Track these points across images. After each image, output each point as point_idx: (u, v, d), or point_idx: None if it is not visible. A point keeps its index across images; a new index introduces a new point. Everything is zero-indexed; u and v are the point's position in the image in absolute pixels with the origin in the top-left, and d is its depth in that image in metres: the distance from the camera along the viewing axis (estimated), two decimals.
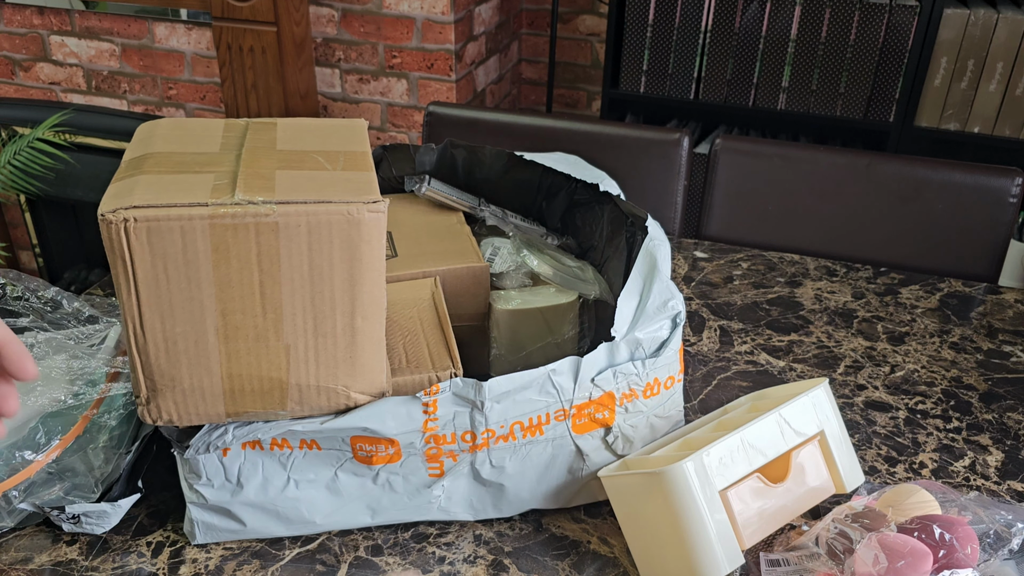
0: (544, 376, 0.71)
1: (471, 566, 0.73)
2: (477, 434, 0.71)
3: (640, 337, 0.75)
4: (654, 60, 2.19)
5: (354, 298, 0.65)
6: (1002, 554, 0.67)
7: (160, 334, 0.64)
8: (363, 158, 0.70)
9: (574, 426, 0.74)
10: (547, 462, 0.75)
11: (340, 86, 2.36)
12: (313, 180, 0.65)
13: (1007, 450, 0.86)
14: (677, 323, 0.77)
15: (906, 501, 0.72)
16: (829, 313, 1.09)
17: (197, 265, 0.62)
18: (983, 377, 0.98)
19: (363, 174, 0.67)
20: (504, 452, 0.73)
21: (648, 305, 0.76)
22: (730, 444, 0.69)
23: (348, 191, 0.64)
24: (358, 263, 0.64)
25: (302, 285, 0.64)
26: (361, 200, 0.63)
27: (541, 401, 0.71)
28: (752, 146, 1.40)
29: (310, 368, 0.67)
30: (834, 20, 2.01)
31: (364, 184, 0.65)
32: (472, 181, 1.08)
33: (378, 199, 0.63)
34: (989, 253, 1.31)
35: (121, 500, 0.74)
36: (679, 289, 1.14)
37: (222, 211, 0.61)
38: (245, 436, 0.70)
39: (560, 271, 0.94)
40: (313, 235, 0.62)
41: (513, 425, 0.71)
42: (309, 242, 0.62)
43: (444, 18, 2.18)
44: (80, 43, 2.53)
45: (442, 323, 0.80)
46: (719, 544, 0.66)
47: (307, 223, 0.62)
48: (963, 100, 2.01)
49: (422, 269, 0.89)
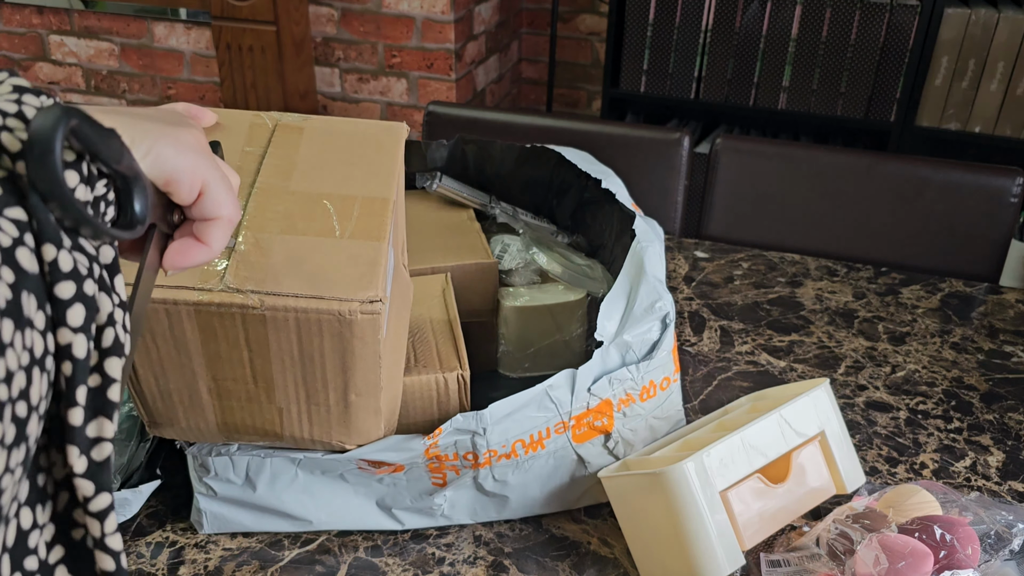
0: (542, 393, 0.70)
1: (471, 567, 0.72)
2: (479, 455, 0.71)
3: (629, 340, 0.74)
4: (654, 59, 2.19)
5: (347, 381, 0.62)
6: (1003, 555, 0.67)
7: (154, 387, 0.64)
8: (380, 212, 0.63)
9: (574, 436, 0.74)
10: (549, 473, 0.75)
11: (340, 85, 2.36)
12: (315, 252, 0.60)
13: (1008, 450, 0.86)
14: (667, 323, 0.76)
15: (907, 502, 0.71)
16: (830, 313, 1.09)
17: (185, 341, 0.61)
18: (984, 377, 0.97)
19: (372, 245, 0.61)
20: (506, 468, 0.73)
21: (635, 307, 0.76)
22: (731, 444, 0.69)
23: (346, 279, 0.59)
24: (351, 355, 0.61)
25: (292, 365, 0.62)
26: (356, 298, 0.58)
27: (540, 417, 0.71)
28: (753, 146, 1.40)
29: (304, 426, 0.66)
30: (835, 19, 2.01)
31: (367, 265, 0.60)
32: (483, 177, 1.08)
33: (375, 296, 0.58)
34: (990, 253, 1.31)
35: (141, 485, 0.74)
36: (680, 289, 1.14)
37: (207, 298, 0.58)
38: (250, 449, 0.71)
39: (569, 269, 0.94)
40: (303, 329, 0.59)
41: (515, 443, 0.71)
42: (299, 334, 0.60)
43: (444, 17, 2.17)
44: (79, 42, 2.53)
45: (452, 322, 0.80)
46: (720, 545, 0.66)
47: (295, 319, 0.59)
48: (964, 100, 2.00)
49: (431, 265, 0.89)
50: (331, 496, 0.74)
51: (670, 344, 0.77)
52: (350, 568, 0.72)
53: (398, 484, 0.73)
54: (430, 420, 0.75)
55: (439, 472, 0.72)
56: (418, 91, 2.29)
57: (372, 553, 0.74)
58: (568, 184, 1.06)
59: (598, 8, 2.54)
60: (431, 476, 0.72)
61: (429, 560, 0.73)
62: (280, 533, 0.75)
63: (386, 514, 0.75)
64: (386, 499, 0.74)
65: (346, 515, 0.75)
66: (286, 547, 0.74)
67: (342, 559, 0.73)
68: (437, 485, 0.73)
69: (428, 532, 0.76)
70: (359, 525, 0.75)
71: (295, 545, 0.75)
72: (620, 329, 0.75)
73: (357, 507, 0.75)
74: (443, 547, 0.75)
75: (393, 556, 0.74)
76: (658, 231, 0.86)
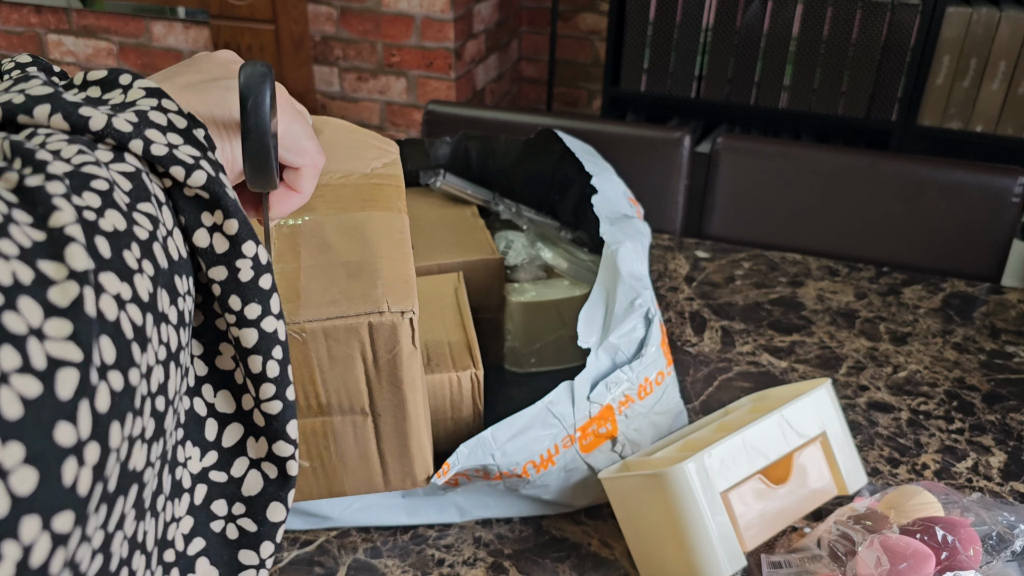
0: (543, 410, 0.70)
1: (471, 568, 0.72)
2: (490, 474, 0.71)
3: (616, 342, 0.74)
4: (655, 58, 2.18)
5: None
6: (1004, 556, 0.66)
7: None
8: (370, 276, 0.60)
9: (582, 447, 0.73)
10: (560, 483, 0.75)
11: (338, 84, 2.35)
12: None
13: (1010, 451, 0.86)
14: (650, 319, 0.76)
15: (908, 503, 0.71)
16: (831, 313, 1.09)
17: None
18: (986, 378, 0.97)
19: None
20: (518, 483, 0.73)
21: (616, 309, 0.75)
22: (731, 445, 0.68)
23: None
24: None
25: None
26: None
27: (546, 435, 0.71)
28: (754, 145, 1.39)
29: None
30: (836, 18, 2.00)
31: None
32: (486, 173, 1.08)
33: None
34: (992, 253, 1.30)
35: None
36: (680, 289, 1.13)
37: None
38: None
39: (574, 264, 0.94)
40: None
41: (525, 465, 0.71)
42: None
43: (443, 16, 2.17)
44: (77, 41, 2.53)
45: (464, 321, 0.79)
46: (720, 546, 0.66)
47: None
48: (965, 99, 2.00)
49: (437, 262, 0.89)
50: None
51: (657, 339, 0.76)
52: (349, 569, 0.72)
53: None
54: (443, 420, 0.75)
55: (451, 481, 0.72)
56: (417, 90, 2.29)
57: (371, 554, 0.74)
58: (570, 180, 1.06)
59: (598, 6, 2.54)
60: (443, 480, 0.72)
61: (429, 561, 0.73)
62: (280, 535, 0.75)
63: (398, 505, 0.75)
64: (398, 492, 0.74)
65: (357, 509, 0.74)
66: (285, 548, 0.74)
67: (341, 560, 0.73)
68: (448, 485, 0.73)
69: (428, 534, 0.76)
70: (370, 521, 0.75)
71: (294, 546, 0.74)
72: (604, 332, 0.74)
73: (371, 502, 0.74)
74: (443, 548, 0.74)
75: (392, 557, 0.73)
76: (641, 227, 0.85)
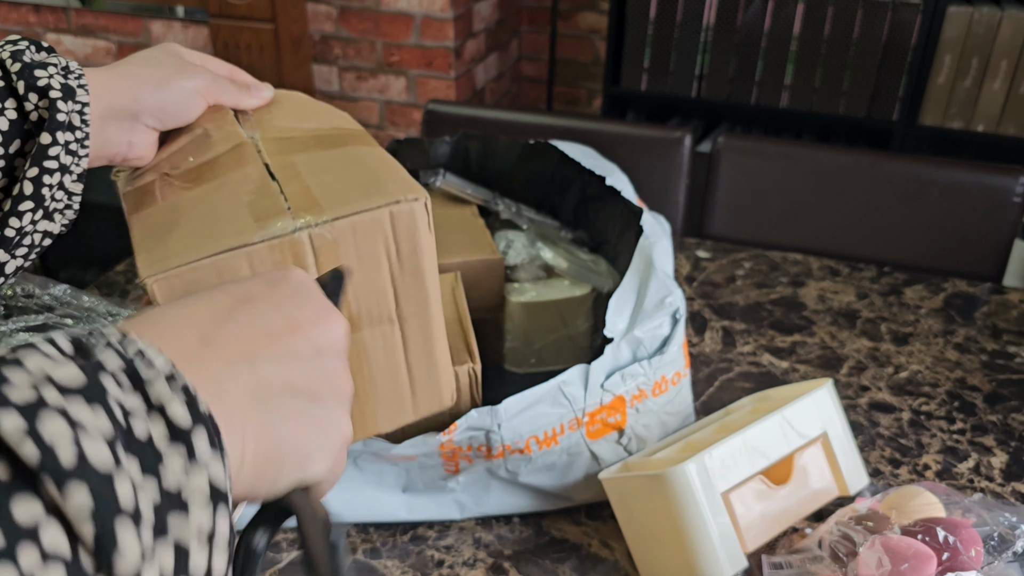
0: (555, 389, 0.70)
1: (471, 569, 0.72)
2: (493, 448, 0.70)
3: (640, 336, 0.74)
4: (656, 57, 2.18)
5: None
6: (1006, 556, 0.66)
7: None
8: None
9: (588, 433, 0.73)
10: (562, 470, 0.74)
11: (338, 84, 2.35)
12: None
13: (1011, 452, 0.85)
14: (677, 319, 0.76)
15: (910, 503, 0.71)
16: (832, 313, 1.09)
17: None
18: (987, 378, 0.97)
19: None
20: (519, 461, 0.72)
21: (646, 303, 0.75)
22: (732, 446, 0.68)
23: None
24: None
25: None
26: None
27: (554, 413, 0.71)
28: (754, 145, 1.39)
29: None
30: (837, 18, 2.00)
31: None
32: (485, 173, 1.08)
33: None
34: (993, 253, 1.30)
35: None
36: (681, 289, 1.13)
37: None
38: None
39: (574, 264, 0.94)
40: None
41: (528, 440, 0.71)
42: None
43: (443, 15, 2.17)
44: (76, 41, 2.52)
45: (462, 319, 0.79)
46: (721, 547, 0.65)
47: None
48: (967, 98, 2.00)
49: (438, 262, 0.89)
50: (342, 485, 0.73)
51: (681, 339, 0.77)
52: (349, 570, 0.72)
53: (411, 471, 0.73)
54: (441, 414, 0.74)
55: (452, 460, 0.72)
56: (417, 89, 2.28)
57: (371, 555, 0.73)
58: (570, 180, 1.06)
59: (599, 5, 2.54)
60: (444, 463, 0.72)
61: (428, 562, 0.73)
62: (279, 534, 0.75)
63: (398, 502, 0.75)
64: (398, 486, 0.74)
65: (359, 505, 0.74)
66: (284, 548, 0.74)
67: None
68: (450, 472, 0.72)
69: (427, 534, 0.75)
70: (371, 516, 0.75)
71: (294, 547, 0.74)
72: (631, 325, 0.74)
73: (372, 497, 0.74)
74: (442, 549, 0.74)
75: (392, 558, 0.73)
76: (665, 227, 0.86)
